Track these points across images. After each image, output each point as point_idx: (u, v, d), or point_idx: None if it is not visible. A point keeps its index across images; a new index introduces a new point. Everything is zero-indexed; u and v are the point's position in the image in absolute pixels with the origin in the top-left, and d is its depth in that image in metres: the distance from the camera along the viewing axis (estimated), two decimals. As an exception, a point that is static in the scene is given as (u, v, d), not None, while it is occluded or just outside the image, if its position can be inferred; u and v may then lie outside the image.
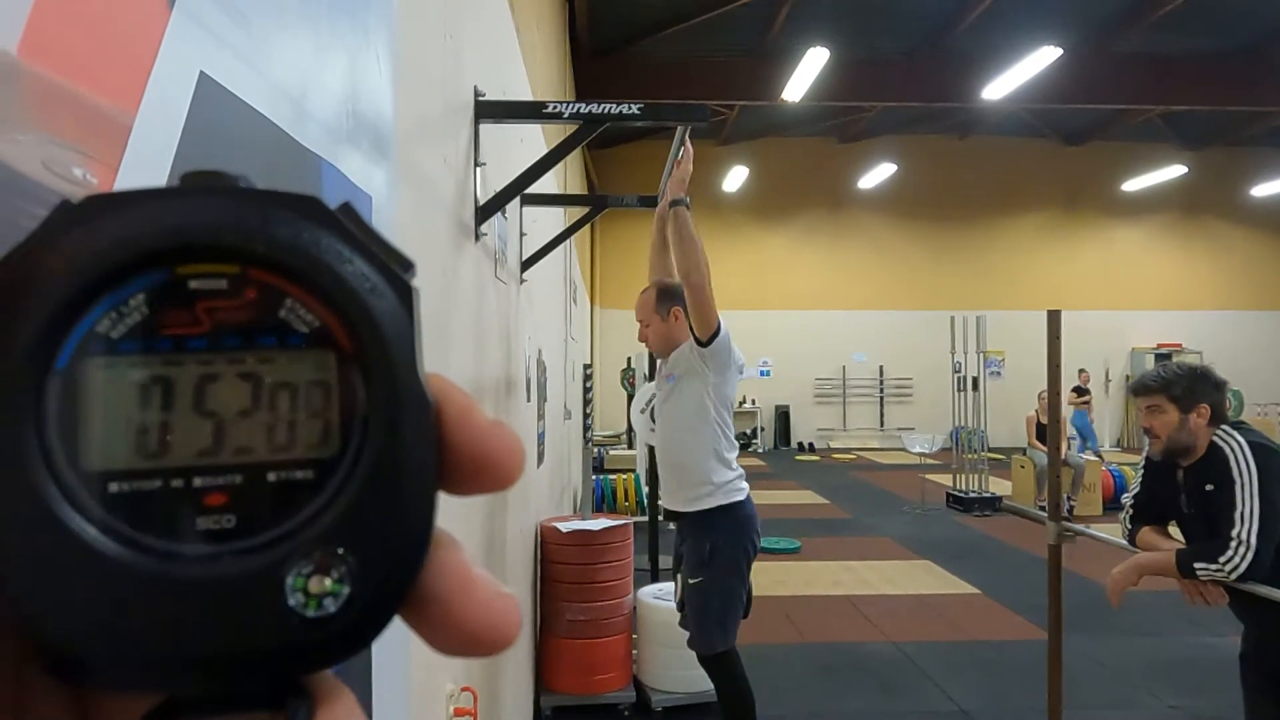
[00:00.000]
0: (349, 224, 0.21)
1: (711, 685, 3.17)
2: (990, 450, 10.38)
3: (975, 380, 10.11)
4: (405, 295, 0.21)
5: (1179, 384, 2.45)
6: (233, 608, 0.19)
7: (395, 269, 0.21)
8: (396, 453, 0.21)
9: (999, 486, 10.16)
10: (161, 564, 0.19)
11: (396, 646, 1.11)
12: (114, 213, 0.20)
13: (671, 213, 2.89)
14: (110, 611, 0.19)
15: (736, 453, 3.09)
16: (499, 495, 2.70)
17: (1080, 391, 12.25)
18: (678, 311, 3.06)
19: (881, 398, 17.98)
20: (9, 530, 0.19)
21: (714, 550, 2.96)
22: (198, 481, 0.20)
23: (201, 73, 0.60)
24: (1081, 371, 12.59)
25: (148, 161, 0.53)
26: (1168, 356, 16.53)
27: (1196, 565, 2.32)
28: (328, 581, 0.20)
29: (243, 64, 0.67)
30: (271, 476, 0.20)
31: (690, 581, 3.01)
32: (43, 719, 0.20)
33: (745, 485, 3.07)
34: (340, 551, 0.20)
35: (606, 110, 2.21)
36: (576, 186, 10.02)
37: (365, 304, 0.20)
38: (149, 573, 0.19)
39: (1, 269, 0.19)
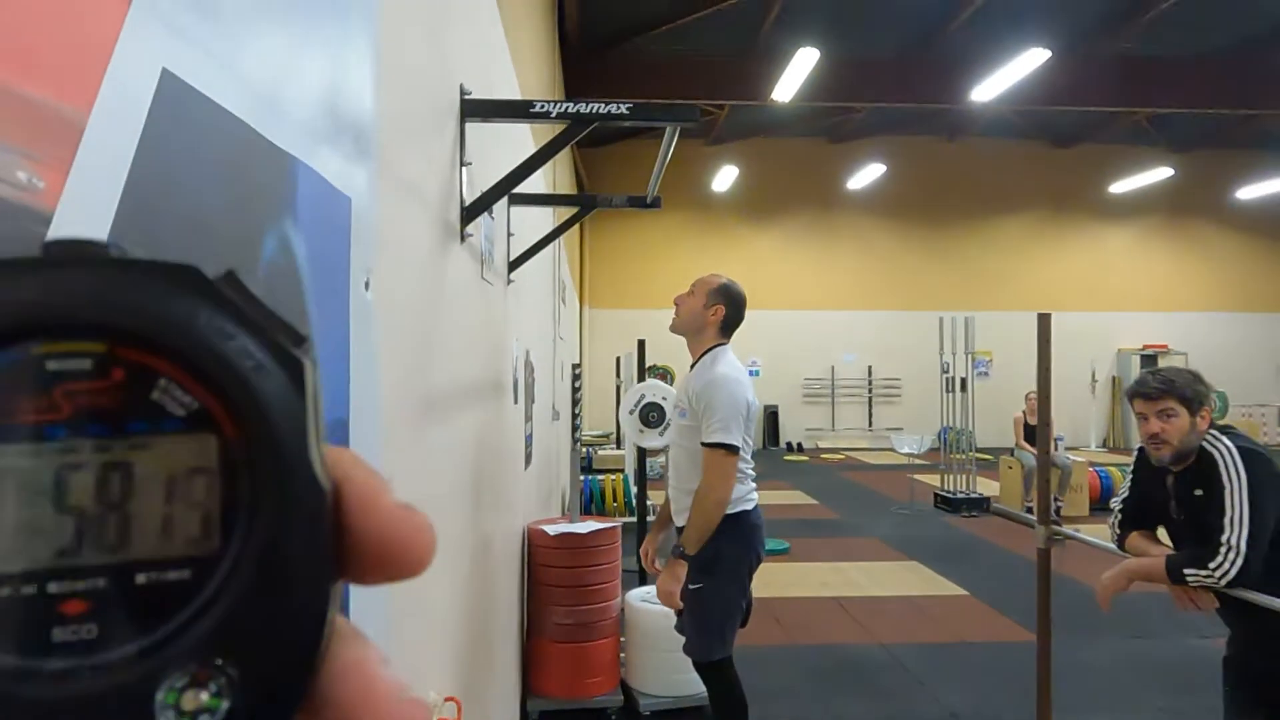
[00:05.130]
0: (232, 295, 0.19)
1: (699, 688, 3.14)
2: (978, 450, 10.40)
3: (963, 381, 10.14)
4: (296, 373, 0.19)
5: (1186, 386, 2.39)
6: None
7: (285, 344, 0.19)
8: (284, 547, 0.18)
9: (986, 487, 10.18)
10: (10, 683, 0.17)
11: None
12: None
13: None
14: None
15: (751, 464, 3.02)
16: (486, 497, 2.67)
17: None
18: (719, 310, 3.01)
19: (870, 398, 18.02)
20: None
21: (718, 556, 2.90)
22: (52, 587, 0.18)
23: (164, 69, 0.57)
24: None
25: (103, 164, 0.49)
26: (1154, 358, 16.65)
27: (1186, 571, 2.31)
28: (204, 696, 0.17)
29: (211, 60, 0.64)
30: (141, 578, 0.18)
31: (690, 586, 2.96)
32: None
33: (755, 495, 3.03)
34: (219, 662, 0.18)
35: (595, 110, 2.18)
36: (566, 185, 9.98)
37: (249, 383, 0.19)
38: None
39: None
